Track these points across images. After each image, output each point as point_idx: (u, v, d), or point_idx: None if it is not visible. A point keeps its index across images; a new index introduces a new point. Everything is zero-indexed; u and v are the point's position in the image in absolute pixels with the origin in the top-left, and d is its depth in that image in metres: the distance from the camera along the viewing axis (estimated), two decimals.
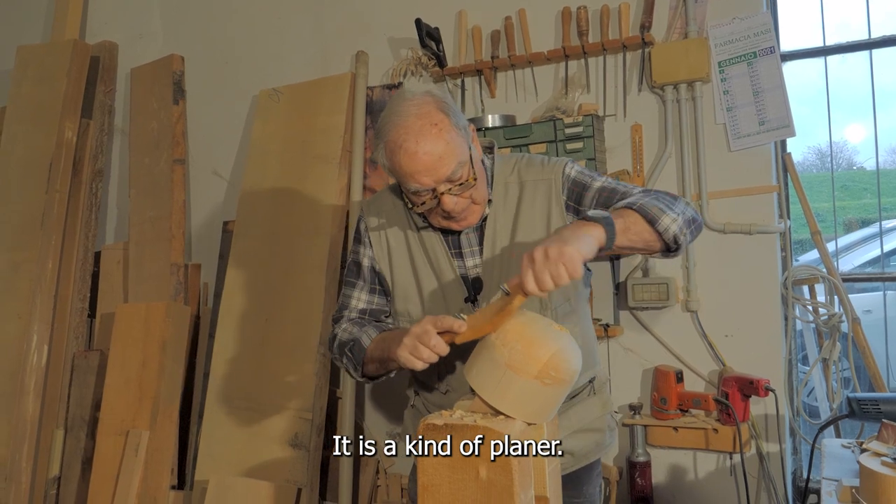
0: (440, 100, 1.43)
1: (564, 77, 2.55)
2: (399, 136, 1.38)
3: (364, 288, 1.66)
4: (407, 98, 1.44)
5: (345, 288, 1.70)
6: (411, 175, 1.39)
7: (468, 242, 1.55)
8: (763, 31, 2.34)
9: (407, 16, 2.66)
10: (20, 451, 2.95)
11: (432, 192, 1.41)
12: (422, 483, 1.21)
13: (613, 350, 2.52)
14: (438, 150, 1.37)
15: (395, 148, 1.39)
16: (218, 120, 3.22)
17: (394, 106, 1.43)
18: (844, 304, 2.36)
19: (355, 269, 1.67)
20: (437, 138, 1.37)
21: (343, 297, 1.70)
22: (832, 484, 1.54)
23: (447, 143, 1.38)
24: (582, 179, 1.53)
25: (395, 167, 1.41)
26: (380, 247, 1.62)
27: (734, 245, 2.38)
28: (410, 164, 1.38)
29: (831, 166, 2.71)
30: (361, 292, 1.66)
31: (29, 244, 3.12)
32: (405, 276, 1.60)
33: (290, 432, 2.58)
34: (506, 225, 1.54)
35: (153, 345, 2.93)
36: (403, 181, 1.42)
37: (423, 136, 1.37)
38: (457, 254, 1.55)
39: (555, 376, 1.19)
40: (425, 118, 1.39)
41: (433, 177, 1.38)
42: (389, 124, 1.41)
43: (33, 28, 3.65)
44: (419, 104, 1.41)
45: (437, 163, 1.38)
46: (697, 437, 2.35)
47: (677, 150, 2.43)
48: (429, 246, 1.56)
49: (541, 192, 1.54)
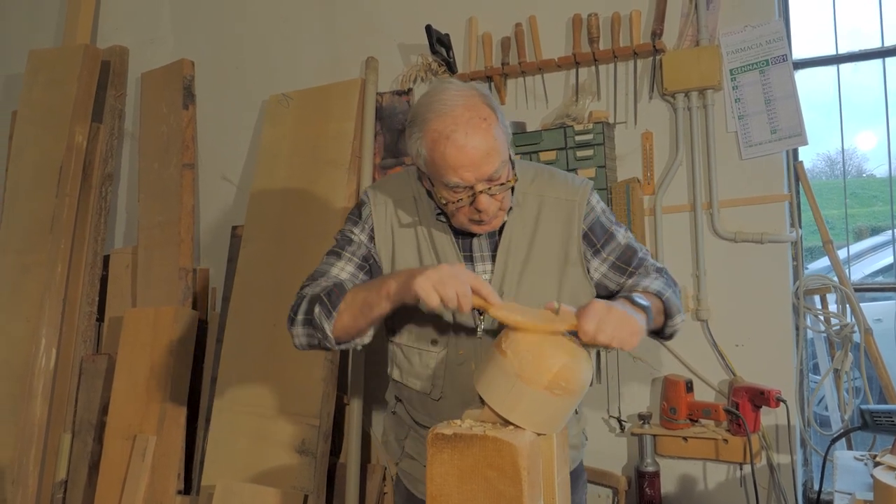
0: (486, 94, 1.39)
1: (575, 84, 2.54)
2: (446, 125, 1.31)
3: (351, 262, 1.53)
4: (452, 87, 1.37)
5: (327, 257, 1.56)
6: (454, 169, 1.32)
7: (479, 247, 1.50)
8: (775, 39, 2.32)
9: (417, 22, 2.66)
10: (27, 454, 2.96)
11: (470, 189, 1.35)
12: (430, 493, 1.20)
13: (623, 359, 2.50)
14: (486, 146, 1.32)
15: (439, 138, 1.32)
16: (227, 125, 3.23)
17: (437, 94, 1.37)
18: (856, 314, 2.34)
19: (343, 240, 1.55)
20: (486, 133, 1.32)
21: (321, 266, 1.55)
22: (845, 497, 1.53)
23: (495, 140, 1.33)
24: (606, 223, 1.54)
25: (436, 158, 1.33)
26: (383, 236, 1.53)
27: (745, 254, 2.36)
28: (457, 156, 1.31)
29: (843, 174, 2.70)
30: (347, 264, 1.53)
31: (38, 247, 3.13)
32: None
33: (298, 438, 2.57)
34: (523, 237, 1.49)
35: (161, 349, 2.93)
36: (443, 174, 1.34)
37: (472, 128, 1.31)
38: (467, 257, 1.50)
39: (565, 387, 1.18)
40: (474, 111, 1.33)
41: (476, 173, 1.33)
42: (433, 112, 1.33)
43: (45, 32, 3.67)
44: (467, 95, 1.35)
45: (483, 159, 1.32)
46: (707, 447, 2.32)
47: (688, 159, 2.41)
48: (438, 244, 1.50)
49: (563, 213, 1.51)
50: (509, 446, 1.14)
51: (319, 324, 1.42)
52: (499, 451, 1.15)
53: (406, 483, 1.66)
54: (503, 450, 1.15)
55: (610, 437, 2.53)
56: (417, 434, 1.59)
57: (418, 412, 1.57)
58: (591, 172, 2.38)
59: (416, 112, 1.39)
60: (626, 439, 2.52)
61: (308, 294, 1.47)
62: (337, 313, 1.40)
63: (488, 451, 1.16)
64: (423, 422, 1.56)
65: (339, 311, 1.40)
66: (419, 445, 1.59)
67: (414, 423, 1.60)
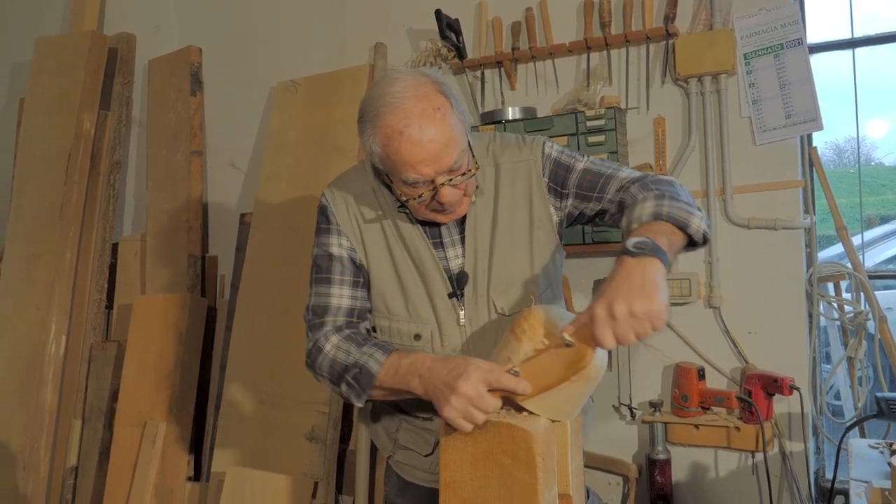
0: (437, 80, 1.31)
1: (586, 69, 2.51)
2: (398, 120, 1.25)
3: (346, 283, 1.46)
4: (399, 77, 1.30)
5: (317, 286, 1.47)
6: (412, 165, 1.26)
7: (448, 232, 1.44)
8: (790, 23, 2.29)
9: (426, 7, 2.63)
10: (38, 441, 2.97)
11: (430, 183, 1.29)
12: (444, 480, 1.19)
13: (634, 346, 2.49)
14: (443, 138, 1.26)
15: (392, 134, 1.25)
16: (235, 111, 3.21)
17: (386, 85, 1.29)
18: (871, 302, 2.31)
19: (328, 263, 1.46)
20: (441, 124, 1.26)
21: (317, 298, 1.46)
22: (861, 486, 1.51)
23: (451, 129, 1.27)
24: (564, 160, 1.46)
25: (390, 155, 1.27)
26: (352, 236, 1.46)
27: (758, 240, 2.33)
28: (413, 152, 1.25)
29: (858, 161, 2.67)
30: (343, 288, 1.46)
31: (47, 235, 3.13)
32: (384, 270, 1.46)
33: (307, 425, 2.57)
34: (486, 212, 1.44)
35: (170, 336, 2.93)
36: (400, 171, 1.28)
37: (426, 121, 1.24)
38: (437, 244, 1.44)
39: (581, 373, 1.16)
40: (426, 101, 1.26)
41: (435, 167, 1.27)
42: (384, 106, 1.26)
43: (52, 20, 3.65)
44: (416, 84, 1.28)
45: (441, 151, 1.26)
46: (719, 435, 2.31)
47: (701, 144, 2.39)
48: (407, 236, 1.44)
49: (520, 176, 1.45)
50: (524, 433, 1.13)
51: (348, 398, 1.40)
52: (513, 438, 1.14)
53: (399, 472, 1.62)
54: (518, 436, 1.14)
55: (621, 425, 2.52)
56: (411, 425, 1.55)
57: (409, 404, 1.52)
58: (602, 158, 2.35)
59: (365, 106, 1.31)
60: (636, 427, 2.51)
61: (327, 354, 1.41)
62: (367, 395, 1.38)
63: (503, 437, 1.15)
64: (416, 412, 1.53)
65: (369, 394, 1.38)
66: (413, 436, 1.55)
67: (405, 415, 1.55)
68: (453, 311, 1.43)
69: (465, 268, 1.43)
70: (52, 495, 2.99)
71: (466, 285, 1.43)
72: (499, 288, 1.43)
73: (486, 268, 1.43)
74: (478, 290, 1.43)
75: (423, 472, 1.55)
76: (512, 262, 1.44)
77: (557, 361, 1.18)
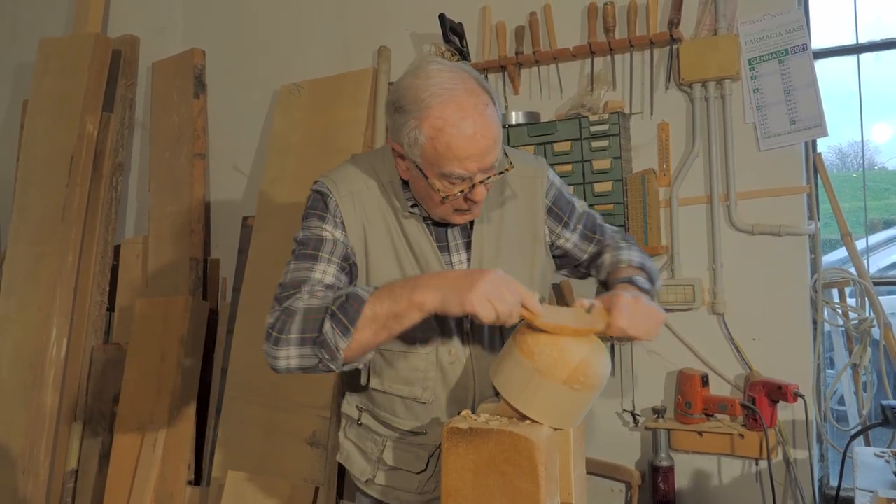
0: (478, 76, 1.28)
1: (590, 74, 2.50)
2: (451, 112, 1.21)
3: (333, 263, 1.34)
4: (443, 68, 1.25)
5: (297, 263, 1.34)
6: (460, 160, 1.22)
7: (453, 237, 1.41)
8: (795, 28, 2.28)
9: (430, 11, 2.63)
10: (38, 443, 2.96)
11: (469, 180, 1.26)
12: (445, 488, 1.18)
13: (637, 352, 2.47)
14: (493, 134, 1.24)
15: (444, 126, 1.21)
16: (238, 114, 3.21)
17: (431, 75, 1.24)
18: (876, 308, 2.30)
19: (317, 241, 1.35)
20: (491, 120, 1.24)
21: (294, 274, 1.33)
22: (867, 495, 1.50)
23: (497, 127, 1.26)
24: (566, 194, 1.52)
25: (438, 148, 1.22)
26: (355, 231, 1.38)
27: (762, 246, 2.32)
28: (466, 147, 1.21)
29: (863, 166, 2.65)
30: (329, 266, 1.33)
31: (49, 237, 3.13)
32: (386, 269, 1.38)
33: (308, 430, 2.56)
34: (493, 221, 1.42)
35: (172, 339, 2.93)
36: (444, 164, 1.23)
37: (479, 115, 1.22)
38: (442, 247, 1.40)
39: (584, 382, 1.15)
40: (476, 95, 1.23)
41: (481, 163, 1.24)
42: (434, 97, 1.21)
43: (55, 21, 3.66)
44: (464, 78, 1.24)
45: (490, 148, 1.24)
46: (723, 442, 2.30)
47: (705, 150, 2.38)
48: (412, 236, 1.38)
49: (526, 190, 1.46)
50: (526, 441, 1.12)
51: (331, 342, 1.20)
52: (515, 447, 1.13)
53: (379, 496, 1.51)
54: (520, 445, 1.12)
55: (624, 431, 2.51)
56: (401, 443, 1.47)
57: (402, 419, 1.45)
58: (606, 163, 2.35)
59: (406, 95, 1.25)
60: (639, 433, 2.49)
61: (300, 307, 1.25)
62: (356, 329, 1.19)
63: (505, 446, 1.14)
64: (409, 427, 1.45)
65: (357, 327, 1.19)
66: (404, 454, 1.47)
67: (393, 432, 1.47)
68: (457, 317, 1.39)
69: None
70: (51, 498, 2.98)
71: None
72: None
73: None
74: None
75: (411, 493, 1.48)
76: (516, 271, 1.39)
77: (574, 316, 1.24)
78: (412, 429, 1.45)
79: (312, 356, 1.22)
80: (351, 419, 1.55)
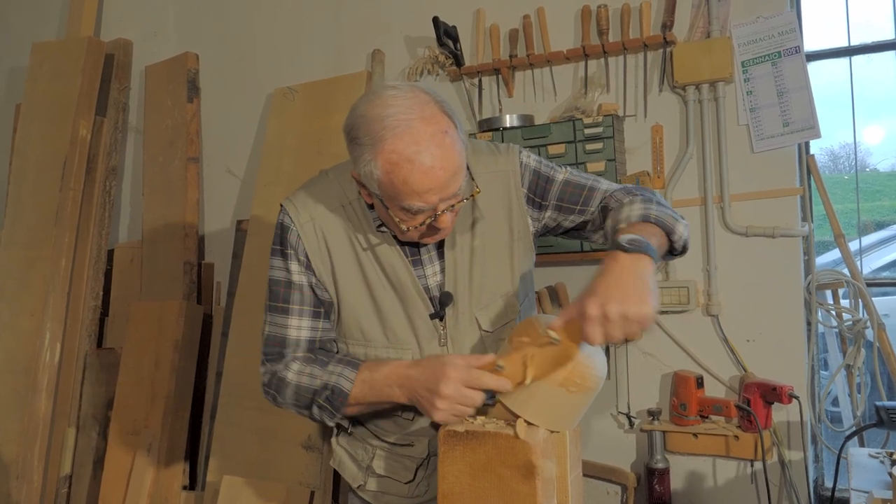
0: (439, 99, 1.21)
1: (584, 76, 2.51)
2: (406, 145, 1.14)
3: (305, 313, 1.37)
4: (399, 94, 1.18)
5: (272, 316, 1.38)
6: (418, 194, 1.16)
7: (425, 249, 1.36)
8: (788, 31, 2.29)
9: (424, 14, 2.63)
10: (32, 449, 2.94)
11: (433, 210, 1.21)
12: (442, 491, 1.18)
13: (632, 354, 2.48)
14: (453, 165, 1.17)
15: (399, 161, 1.14)
16: (232, 118, 3.20)
17: (386, 104, 1.17)
18: (869, 310, 2.31)
19: (285, 292, 1.36)
20: (451, 150, 1.16)
21: (272, 329, 1.38)
22: (862, 496, 1.50)
23: (459, 155, 1.18)
24: (543, 171, 1.41)
25: (395, 182, 1.16)
26: (320, 260, 1.35)
27: (756, 248, 2.33)
28: (422, 182, 1.15)
29: (855, 168, 2.66)
30: (302, 319, 1.37)
31: (43, 241, 3.11)
32: (356, 293, 1.36)
33: (303, 434, 2.55)
34: (464, 225, 1.36)
35: (166, 344, 2.92)
36: (403, 199, 1.18)
37: (436, 147, 1.15)
38: (416, 262, 1.36)
39: (580, 384, 1.16)
40: (434, 123, 1.16)
41: (441, 194, 1.18)
42: (386, 129, 1.15)
43: (48, 25, 3.64)
44: (420, 104, 1.17)
45: (450, 179, 1.17)
46: (718, 443, 2.30)
47: (699, 152, 2.38)
48: (383, 256, 1.34)
49: (497, 186, 1.38)
50: (523, 444, 1.12)
51: (320, 421, 1.39)
52: (512, 449, 1.13)
53: (372, 501, 1.52)
54: (517, 447, 1.13)
55: (619, 434, 2.51)
56: (389, 453, 1.47)
57: (389, 432, 1.45)
58: (600, 166, 2.35)
59: (360, 126, 1.18)
60: (635, 435, 2.50)
61: (291, 381, 1.37)
62: (342, 413, 1.36)
63: (501, 448, 1.14)
64: (395, 440, 1.45)
65: (344, 412, 1.36)
66: (392, 463, 1.47)
67: (382, 442, 1.47)
68: (435, 331, 1.37)
69: (445, 286, 1.36)
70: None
71: (449, 305, 1.35)
72: (481, 303, 1.38)
73: (468, 283, 1.37)
74: (460, 308, 1.36)
75: (402, 497, 1.48)
76: (493, 275, 1.39)
77: (539, 354, 1.17)
78: (399, 441, 1.45)
79: (309, 417, 1.41)
80: (341, 427, 1.54)
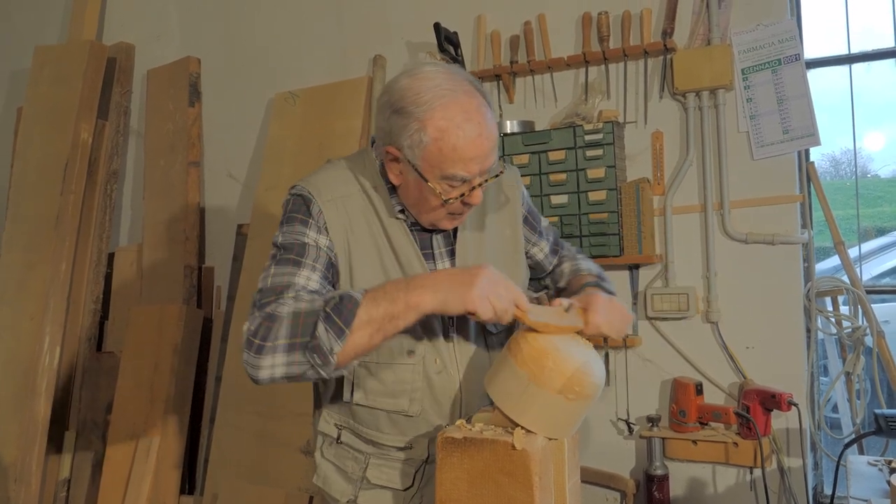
0: (472, 78, 1.29)
1: (584, 83, 2.52)
2: (456, 114, 1.21)
3: (317, 269, 1.30)
4: (438, 70, 1.25)
5: (279, 266, 1.29)
6: (464, 161, 1.22)
7: (437, 244, 1.39)
8: (788, 38, 2.29)
9: (425, 20, 2.63)
10: (31, 452, 2.94)
11: (468, 183, 1.26)
12: (440, 497, 1.18)
13: (632, 360, 2.48)
14: (494, 136, 1.26)
15: (450, 127, 1.20)
16: (233, 123, 3.21)
17: (427, 77, 1.24)
18: (869, 317, 2.31)
19: (300, 249, 1.30)
20: (491, 122, 1.25)
21: (276, 279, 1.27)
22: (860, 503, 1.50)
23: (496, 129, 1.28)
24: (533, 206, 1.57)
25: (442, 149, 1.21)
26: (339, 239, 1.33)
27: (756, 255, 2.33)
28: (470, 148, 1.21)
29: (855, 174, 2.67)
30: (314, 272, 1.29)
31: (43, 245, 3.12)
32: (370, 273, 1.33)
33: (302, 439, 2.55)
34: (475, 228, 1.41)
35: (166, 348, 2.92)
36: (448, 166, 1.22)
37: (481, 117, 1.23)
38: (427, 255, 1.37)
39: (579, 391, 1.16)
40: (475, 98, 1.24)
41: (482, 165, 1.25)
42: (437, 98, 1.21)
43: (51, 28, 3.66)
44: (462, 80, 1.25)
45: (491, 151, 1.26)
46: (717, 450, 2.30)
47: (699, 159, 2.39)
48: (397, 244, 1.35)
49: (503, 196, 1.47)
50: (521, 451, 1.12)
51: (325, 346, 1.15)
52: (510, 456, 1.13)
53: None
54: (515, 455, 1.12)
55: (618, 440, 2.51)
56: (386, 459, 1.40)
57: (387, 434, 1.39)
58: (600, 172, 2.36)
59: (408, 97, 1.23)
60: (634, 442, 2.49)
61: (286, 312, 1.19)
62: (351, 331, 1.16)
63: (499, 455, 1.14)
64: (393, 443, 1.39)
65: (353, 329, 1.16)
66: (389, 471, 1.40)
67: (377, 448, 1.41)
68: (442, 325, 1.37)
69: None
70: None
71: None
72: None
73: None
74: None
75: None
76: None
77: (555, 314, 1.28)
78: (397, 444, 1.39)
79: (303, 362, 1.17)
80: (329, 437, 1.47)
